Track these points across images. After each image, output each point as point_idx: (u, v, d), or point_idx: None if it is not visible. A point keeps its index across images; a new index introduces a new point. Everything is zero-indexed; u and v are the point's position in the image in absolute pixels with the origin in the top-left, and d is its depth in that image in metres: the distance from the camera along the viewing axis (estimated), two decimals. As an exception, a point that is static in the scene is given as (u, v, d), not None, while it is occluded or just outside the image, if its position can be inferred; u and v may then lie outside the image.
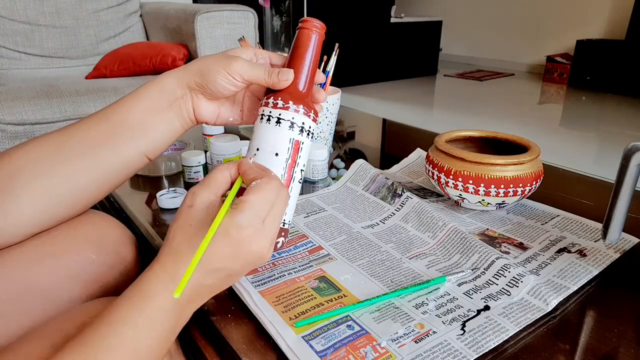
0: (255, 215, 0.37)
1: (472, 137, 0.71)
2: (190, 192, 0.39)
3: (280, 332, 0.42)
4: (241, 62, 0.45)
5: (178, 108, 0.47)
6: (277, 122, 0.45)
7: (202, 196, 0.38)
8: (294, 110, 0.46)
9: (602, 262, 0.53)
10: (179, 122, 0.48)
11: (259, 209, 0.37)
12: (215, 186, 0.39)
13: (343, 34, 3.51)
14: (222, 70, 0.44)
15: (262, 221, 0.37)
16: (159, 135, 0.46)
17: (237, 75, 0.45)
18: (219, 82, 0.45)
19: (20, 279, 0.42)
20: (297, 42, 0.47)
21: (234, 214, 0.36)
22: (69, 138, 0.43)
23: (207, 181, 0.39)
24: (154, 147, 0.47)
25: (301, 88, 0.47)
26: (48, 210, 0.43)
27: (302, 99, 0.46)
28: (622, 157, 0.47)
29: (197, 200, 0.38)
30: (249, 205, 0.36)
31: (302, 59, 0.47)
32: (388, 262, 0.54)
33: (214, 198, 0.39)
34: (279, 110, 0.45)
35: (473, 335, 0.41)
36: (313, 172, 0.79)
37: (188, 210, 0.38)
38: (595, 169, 2.03)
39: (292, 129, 0.46)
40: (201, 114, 0.48)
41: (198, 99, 0.47)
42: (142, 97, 0.46)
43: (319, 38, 0.47)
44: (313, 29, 0.47)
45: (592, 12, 3.83)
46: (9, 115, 1.31)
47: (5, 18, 1.74)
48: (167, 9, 1.86)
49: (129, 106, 0.45)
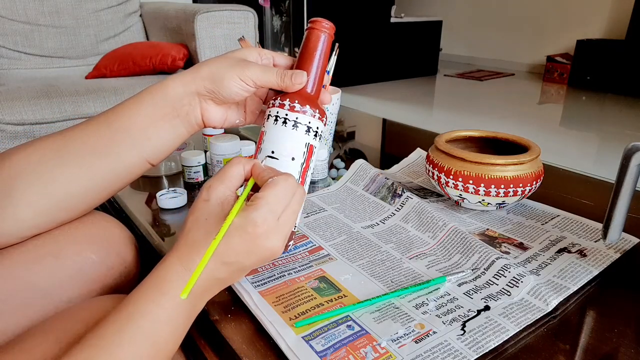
0: (271, 212, 0.37)
1: (472, 137, 0.71)
2: (206, 186, 0.40)
3: (280, 332, 0.42)
4: (254, 67, 0.44)
5: (185, 115, 0.46)
6: (293, 126, 0.45)
7: (217, 190, 0.39)
8: (311, 115, 0.45)
9: (602, 262, 0.53)
10: (185, 128, 0.47)
11: (275, 206, 0.37)
12: (230, 181, 0.40)
13: (343, 34, 3.51)
14: (235, 77, 0.43)
15: (277, 218, 0.38)
16: (161, 142, 0.46)
17: (250, 82, 0.44)
18: (233, 88, 0.44)
19: (20, 278, 0.42)
20: (307, 43, 0.47)
21: (250, 210, 0.37)
22: (69, 142, 0.43)
23: (222, 176, 0.40)
24: (157, 153, 0.46)
25: (312, 90, 0.47)
26: (48, 214, 0.43)
27: (314, 101, 0.46)
28: (622, 157, 0.47)
29: (212, 195, 0.39)
30: (265, 202, 0.37)
31: (312, 60, 0.46)
32: (388, 262, 0.54)
33: (229, 193, 0.40)
34: (295, 113, 0.45)
35: (473, 336, 0.41)
36: (313, 172, 0.79)
37: (204, 204, 0.39)
38: (595, 169, 2.03)
39: (308, 134, 0.45)
40: (209, 119, 0.48)
41: (207, 105, 0.46)
42: (145, 103, 0.45)
43: (329, 39, 0.47)
44: (323, 30, 0.46)
45: (592, 12, 3.83)
46: (9, 115, 1.31)
47: (5, 18, 1.74)
48: (167, 9, 1.86)
49: (131, 112, 0.44)
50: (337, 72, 0.63)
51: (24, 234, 0.43)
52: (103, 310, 0.38)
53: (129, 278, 0.50)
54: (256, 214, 0.36)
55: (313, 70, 0.47)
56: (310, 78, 0.46)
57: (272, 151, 0.45)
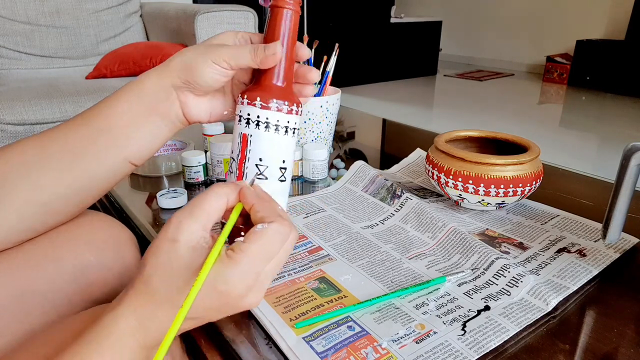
0: (251, 271, 0.32)
1: (472, 137, 0.71)
2: (175, 222, 0.33)
3: (281, 333, 0.42)
4: (225, 48, 0.40)
5: (165, 111, 0.42)
6: (285, 132, 0.40)
7: (188, 231, 0.32)
8: (276, 109, 0.40)
9: (602, 262, 0.53)
10: (166, 126, 0.43)
11: (258, 263, 0.32)
12: (206, 218, 0.33)
13: (343, 34, 3.51)
14: (207, 61, 0.40)
15: (257, 276, 0.32)
16: (142, 141, 0.43)
17: (224, 63, 0.40)
18: (208, 74, 0.40)
19: (19, 284, 0.42)
20: (270, 24, 0.41)
21: (227, 265, 0.31)
22: (49, 144, 0.41)
23: (195, 211, 0.33)
24: (138, 153, 0.43)
25: (278, 80, 0.41)
26: (34, 219, 0.42)
27: (283, 93, 0.41)
28: (622, 157, 0.47)
29: (182, 236, 0.32)
30: (247, 258, 0.31)
31: (276, 40, 0.40)
32: (388, 262, 0.54)
33: (202, 234, 0.33)
34: (265, 111, 0.40)
35: (474, 336, 0.41)
36: (313, 172, 0.79)
37: (170, 246, 0.32)
38: (595, 169, 2.03)
39: (294, 135, 0.41)
40: (191, 113, 0.44)
41: (186, 98, 0.43)
42: (122, 101, 0.42)
43: (294, 15, 0.41)
44: (286, 5, 0.40)
45: (592, 12, 3.84)
46: (9, 115, 1.31)
47: (5, 18, 1.74)
48: (167, 9, 1.86)
49: (109, 111, 0.42)
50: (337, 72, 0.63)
51: (15, 238, 0.42)
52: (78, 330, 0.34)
53: (130, 278, 0.50)
54: (233, 272, 0.31)
55: (282, 55, 0.40)
56: (279, 64, 0.40)
57: (260, 159, 0.40)
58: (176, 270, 0.32)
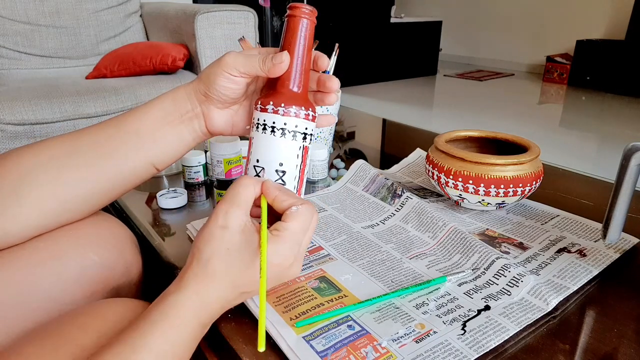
0: (296, 243, 0.39)
1: (472, 137, 0.71)
2: (222, 211, 0.38)
3: (281, 332, 0.42)
4: (234, 55, 0.43)
5: (189, 121, 0.46)
6: (282, 134, 0.42)
7: (235, 216, 0.38)
8: (294, 115, 0.41)
9: (602, 262, 0.53)
10: (190, 135, 0.47)
11: (299, 236, 0.39)
12: (246, 205, 0.39)
13: (343, 34, 3.51)
14: (220, 70, 0.43)
15: (299, 247, 0.40)
16: (167, 147, 0.46)
17: (234, 71, 0.43)
18: (219, 82, 0.43)
19: (23, 282, 0.42)
20: (287, 33, 0.43)
21: (278, 242, 0.38)
22: (79, 143, 0.43)
23: (236, 199, 0.39)
24: (163, 158, 0.46)
25: (295, 86, 0.43)
26: (53, 215, 0.43)
27: (301, 99, 0.42)
28: (622, 157, 0.47)
29: (230, 222, 0.37)
30: (290, 234, 0.38)
31: (292, 51, 0.42)
32: (388, 262, 0.54)
33: (246, 219, 0.39)
34: (284, 118, 0.41)
35: (474, 335, 0.41)
36: (313, 172, 0.79)
37: (223, 232, 0.37)
38: (595, 169, 2.03)
39: (295, 138, 0.42)
40: (214, 125, 0.47)
41: (209, 110, 0.46)
42: (156, 107, 0.46)
43: (310, 25, 0.42)
44: (302, 15, 0.42)
45: (592, 12, 3.84)
46: (9, 115, 1.31)
47: (5, 18, 1.74)
48: (167, 9, 1.86)
49: (141, 115, 0.45)
50: (337, 72, 0.63)
51: (27, 234, 0.43)
52: (113, 320, 0.38)
53: (131, 278, 0.50)
54: (284, 246, 0.38)
55: (296, 63, 0.42)
56: (292, 72, 0.42)
57: (257, 160, 0.42)
58: (232, 252, 0.37)
